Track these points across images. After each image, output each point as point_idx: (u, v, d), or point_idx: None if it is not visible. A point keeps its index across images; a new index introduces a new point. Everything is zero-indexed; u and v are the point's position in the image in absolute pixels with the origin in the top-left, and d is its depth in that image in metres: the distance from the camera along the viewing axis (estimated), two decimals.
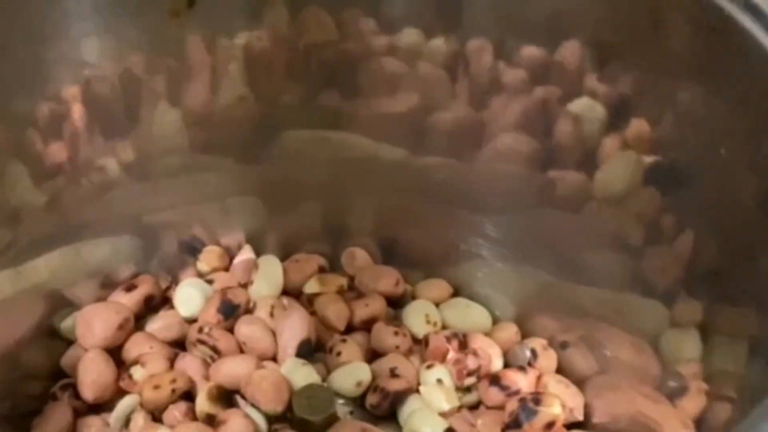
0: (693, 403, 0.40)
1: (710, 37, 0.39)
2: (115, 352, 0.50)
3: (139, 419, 0.47)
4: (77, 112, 0.46)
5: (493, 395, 0.48)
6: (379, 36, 0.47)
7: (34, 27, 0.43)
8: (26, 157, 0.46)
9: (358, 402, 0.49)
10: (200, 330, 0.50)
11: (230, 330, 0.50)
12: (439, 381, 0.49)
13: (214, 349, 0.49)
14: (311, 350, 0.50)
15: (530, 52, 0.44)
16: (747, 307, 0.38)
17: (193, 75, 0.47)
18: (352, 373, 0.49)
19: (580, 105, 0.45)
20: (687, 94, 0.40)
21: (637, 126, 0.43)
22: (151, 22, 0.45)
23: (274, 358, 0.50)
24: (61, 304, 0.51)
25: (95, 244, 0.51)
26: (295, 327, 0.50)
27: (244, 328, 0.50)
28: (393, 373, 0.49)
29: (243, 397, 0.48)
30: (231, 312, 0.51)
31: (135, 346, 0.50)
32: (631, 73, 0.42)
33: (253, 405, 0.47)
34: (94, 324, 0.49)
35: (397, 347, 0.50)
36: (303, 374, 0.48)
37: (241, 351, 0.50)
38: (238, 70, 0.47)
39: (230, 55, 0.47)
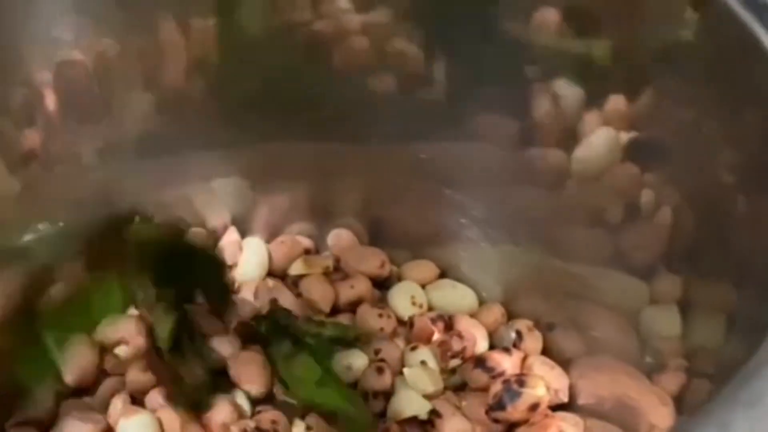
0: (672, 379, 0.40)
1: (690, 10, 0.38)
2: None
3: (118, 403, 0.47)
4: (50, 96, 0.46)
5: (478, 377, 0.48)
6: (354, 15, 0.46)
7: (4, 8, 0.42)
8: None
9: None
10: None
11: None
12: (424, 363, 0.49)
13: None
14: None
15: (507, 26, 0.44)
16: (725, 282, 0.37)
17: (168, 56, 0.47)
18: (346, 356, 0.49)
19: (558, 82, 0.44)
20: (665, 69, 0.40)
21: (615, 102, 0.42)
22: (125, 3, 0.45)
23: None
24: (44, 287, 0.50)
25: (75, 228, 0.50)
26: None
27: None
28: (378, 367, 0.48)
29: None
30: None
31: None
32: (610, 49, 0.42)
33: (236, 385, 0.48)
34: None
35: (382, 329, 0.50)
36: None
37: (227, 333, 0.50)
38: (214, 51, 0.47)
39: (205, 36, 0.46)
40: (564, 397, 0.47)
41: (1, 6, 0.42)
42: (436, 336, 0.50)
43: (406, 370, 0.48)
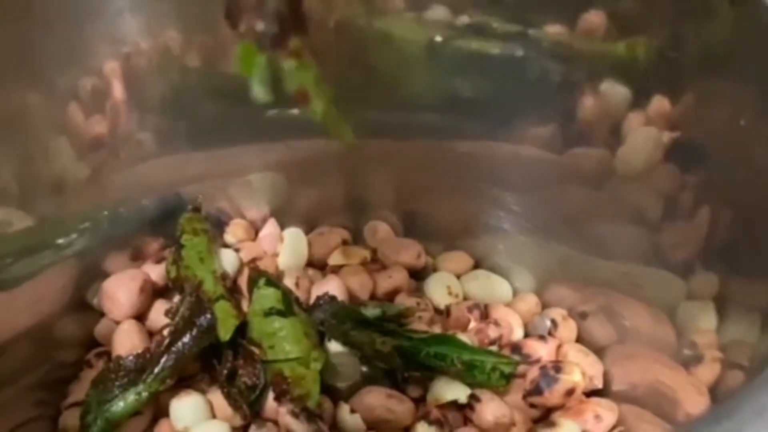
0: (708, 370, 0.41)
1: (731, 10, 0.40)
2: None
3: None
4: (117, 86, 0.47)
5: None
6: (407, 12, 0.47)
7: (74, 5, 0.44)
8: (69, 131, 0.47)
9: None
10: None
11: None
12: None
13: None
14: None
15: (553, 29, 0.45)
16: (761, 279, 0.39)
17: (225, 51, 0.48)
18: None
19: (602, 83, 0.45)
20: (708, 70, 0.41)
21: (658, 103, 0.43)
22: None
23: None
24: (94, 277, 0.52)
25: (126, 217, 0.52)
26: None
27: None
28: None
29: None
30: None
31: (158, 315, 0.51)
32: (654, 51, 0.43)
33: None
34: (118, 295, 0.50)
35: (420, 317, 0.51)
36: None
37: None
38: None
39: None
40: (598, 383, 0.48)
41: (74, 4, 0.44)
42: (473, 324, 0.52)
43: None
